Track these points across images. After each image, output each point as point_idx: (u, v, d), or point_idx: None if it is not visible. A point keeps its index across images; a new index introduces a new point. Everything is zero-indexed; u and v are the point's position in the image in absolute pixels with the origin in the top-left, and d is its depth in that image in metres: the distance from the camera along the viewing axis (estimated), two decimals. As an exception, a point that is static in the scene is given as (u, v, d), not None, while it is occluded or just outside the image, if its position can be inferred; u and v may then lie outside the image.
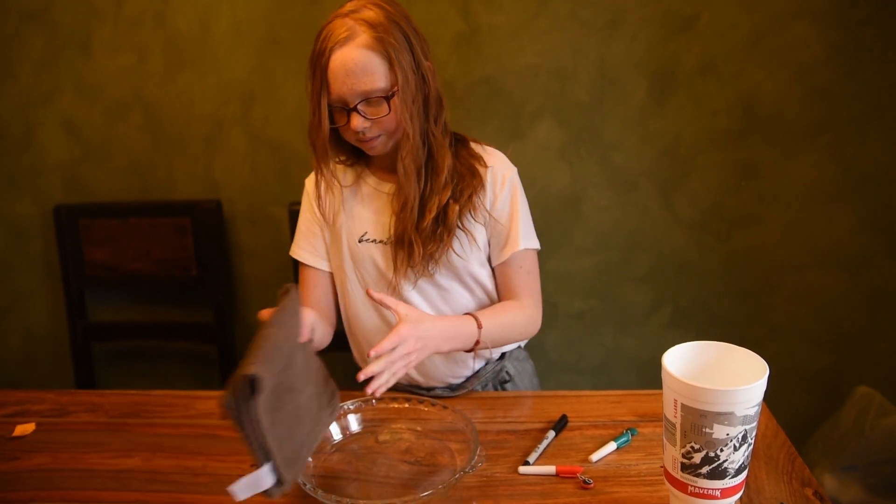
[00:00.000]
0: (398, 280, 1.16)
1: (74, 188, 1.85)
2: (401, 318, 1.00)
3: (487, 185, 1.18)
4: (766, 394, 0.73)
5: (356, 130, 1.08)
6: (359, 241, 1.20)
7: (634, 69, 1.60)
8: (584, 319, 1.77)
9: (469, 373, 1.25)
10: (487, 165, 1.19)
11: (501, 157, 1.23)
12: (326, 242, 1.25)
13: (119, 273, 1.82)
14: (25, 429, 1.10)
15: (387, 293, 1.15)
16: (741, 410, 0.70)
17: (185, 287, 1.84)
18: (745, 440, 0.72)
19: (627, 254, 1.71)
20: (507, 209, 1.20)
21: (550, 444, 0.99)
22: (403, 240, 1.13)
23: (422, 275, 1.16)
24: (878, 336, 1.69)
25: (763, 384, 0.71)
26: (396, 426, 1.03)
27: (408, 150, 1.09)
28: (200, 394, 1.20)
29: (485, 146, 1.23)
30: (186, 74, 1.73)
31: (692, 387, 0.71)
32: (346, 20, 1.04)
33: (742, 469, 0.74)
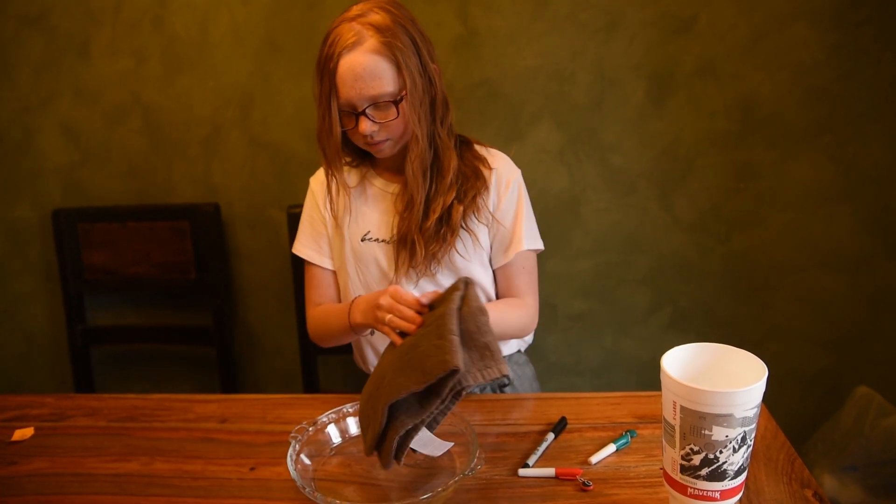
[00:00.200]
0: (399, 279, 1.16)
1: (73, 192, 1.85)
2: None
3: (492, 188, 1.19)
4: (766, 394, 0.73)
5: (365, 134, 1.08)
6: (361, 240, 1.20)
7: (633, 71, 1.60)
8: (584, 321, 1.77)
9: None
10: (492, 167, 1.19)
11: (506, 160, 1.24)
12: (330, 241, 1.26)
13: (118, 277, 1.82)
14: (24, 433, 1.10)
15: None
16: (740, 412, 0.70)
17: (184, 290, 1.84)
18: (745, 442, 0.72)
19: (627, 255, 1.71)
20: (512, 212, 1.21)
21: (550, 447, 0.99)
22: (406, 239, 1.14)
23: (423, 274, 1.16)
24: (878, 337, 1.69)
25: (762, 386, 0.71)
26: (396, 429, 1.03)
27: (416, 153, 1.10)
28: (199, 397, 1.19)
29: (489, 148, 1.24)
30: (185, 78, 1.73)
31: (691, 389, 0.71)
32: (354, 24, 1.04)
33: (741, 471, 0.74)
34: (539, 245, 1.24)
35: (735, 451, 0.72)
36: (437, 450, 0.91)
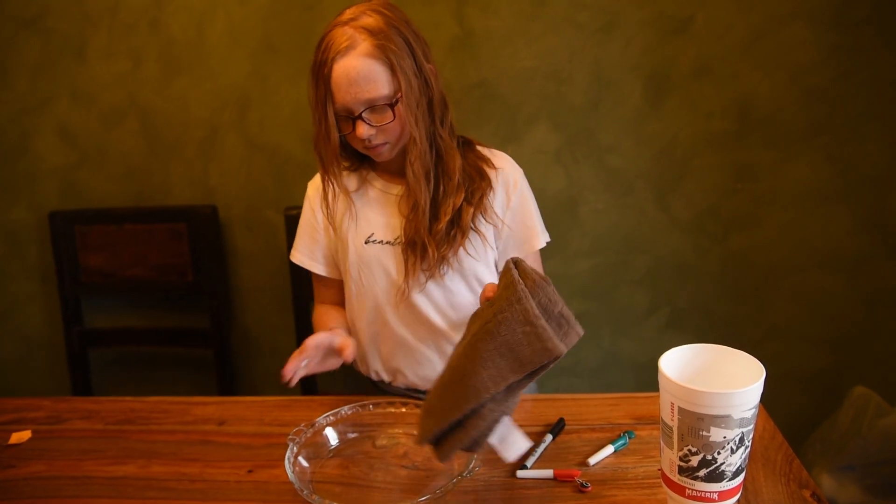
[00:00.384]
0: (407, 282, 1.16)
1: (70, 194, 1.84)
2: None
3: (498, 188, 1.19)
4: (764, 395, 0.73)
5: (362, 138, 1.08)
6: (365, 243, 1.20)
7: (630, 72, 1.60)
8: (582, 322, 1.73)
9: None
10: (496, 167, 1.20)
11: (508, 160, 1.24)
12: (326, 247, 1.25)
13: (115, 279, 1.81)
14: (21, 436, 1.09)
15: (393, 294, 1.17)
16: (738, 413, 0.70)
17: (182, 293, 1.83)
18: (743, 443, 0.72)
19: (624, 256, 1.71)
20: (522, 211, 1.21)
21: (548, 448, 0.98)
22: (416, 242, 1.13)
23: (432, 277, 1.16)
24: (876, 336, 1.69)
25: (760, 387, 0.71)
26: (394, 431, 1.03)
27: (416, 155, 1.09)
28: (197, 399, 1.19)
29: (491, 149, 1.24)
30: (182, 80, 1.73)
31: (689, 390, 0.71)
32: (346, 28, 1.04)
33: (739, 471, 0.74)
34: (547, 237, 1.25)
35: (733, 452, 0.72)
36: (512, 449, 0.84)
